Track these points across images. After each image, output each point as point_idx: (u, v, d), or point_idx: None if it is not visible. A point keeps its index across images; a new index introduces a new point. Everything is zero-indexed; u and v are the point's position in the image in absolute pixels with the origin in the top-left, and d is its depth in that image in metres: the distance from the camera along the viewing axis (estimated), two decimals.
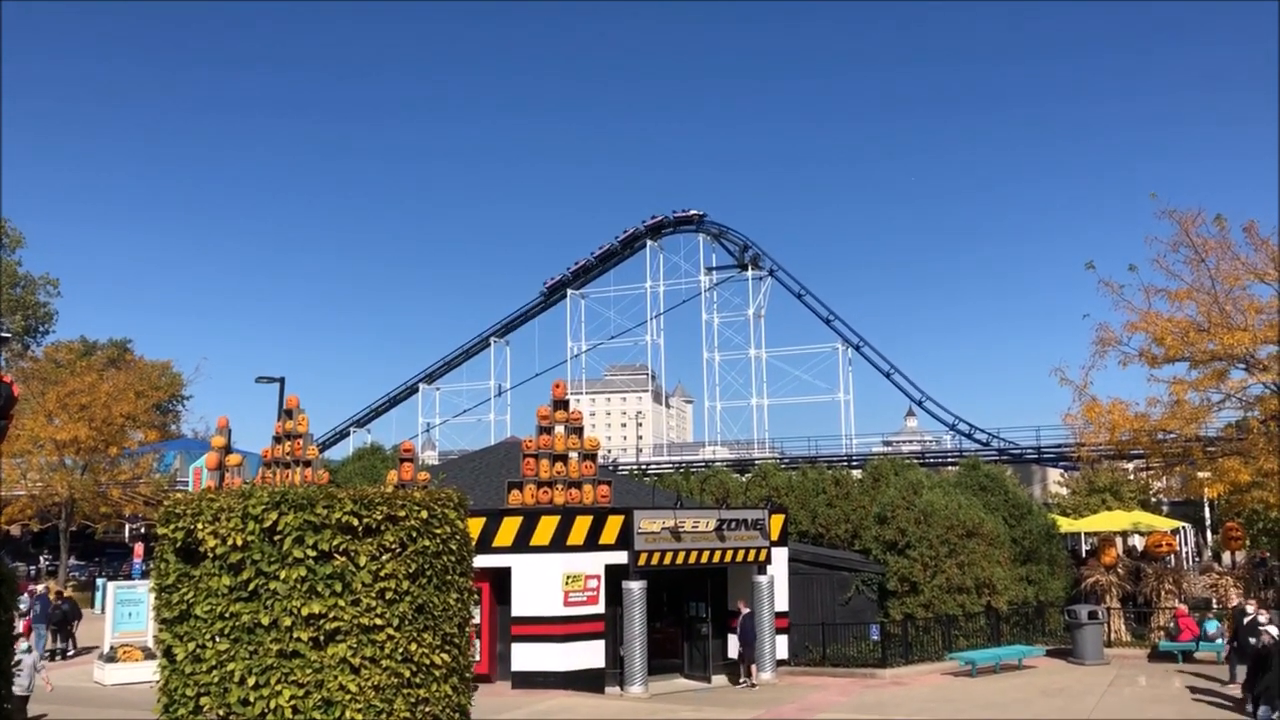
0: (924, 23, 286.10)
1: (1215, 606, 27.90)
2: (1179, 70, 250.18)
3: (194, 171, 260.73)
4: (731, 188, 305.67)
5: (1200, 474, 30.58)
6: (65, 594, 31.83)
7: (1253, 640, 18.75)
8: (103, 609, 29.79)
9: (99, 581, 38.80)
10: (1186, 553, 43.87)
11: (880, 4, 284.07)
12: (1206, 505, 43.11)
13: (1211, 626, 25.70)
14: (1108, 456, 42.18)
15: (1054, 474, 65.95)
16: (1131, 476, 49.93)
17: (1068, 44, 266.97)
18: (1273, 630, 18.06)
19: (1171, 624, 26.26)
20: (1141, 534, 39.47)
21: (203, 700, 8.24)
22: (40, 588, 29.95)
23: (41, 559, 50.39)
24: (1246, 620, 20.06)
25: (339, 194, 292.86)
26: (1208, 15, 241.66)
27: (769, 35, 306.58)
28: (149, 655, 22.48)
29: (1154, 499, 50.31)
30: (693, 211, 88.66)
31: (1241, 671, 19.08)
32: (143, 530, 48.66)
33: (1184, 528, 44.95)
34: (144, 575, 36.68)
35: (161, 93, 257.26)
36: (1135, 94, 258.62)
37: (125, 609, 26.97)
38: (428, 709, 8.71)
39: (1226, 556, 31.94)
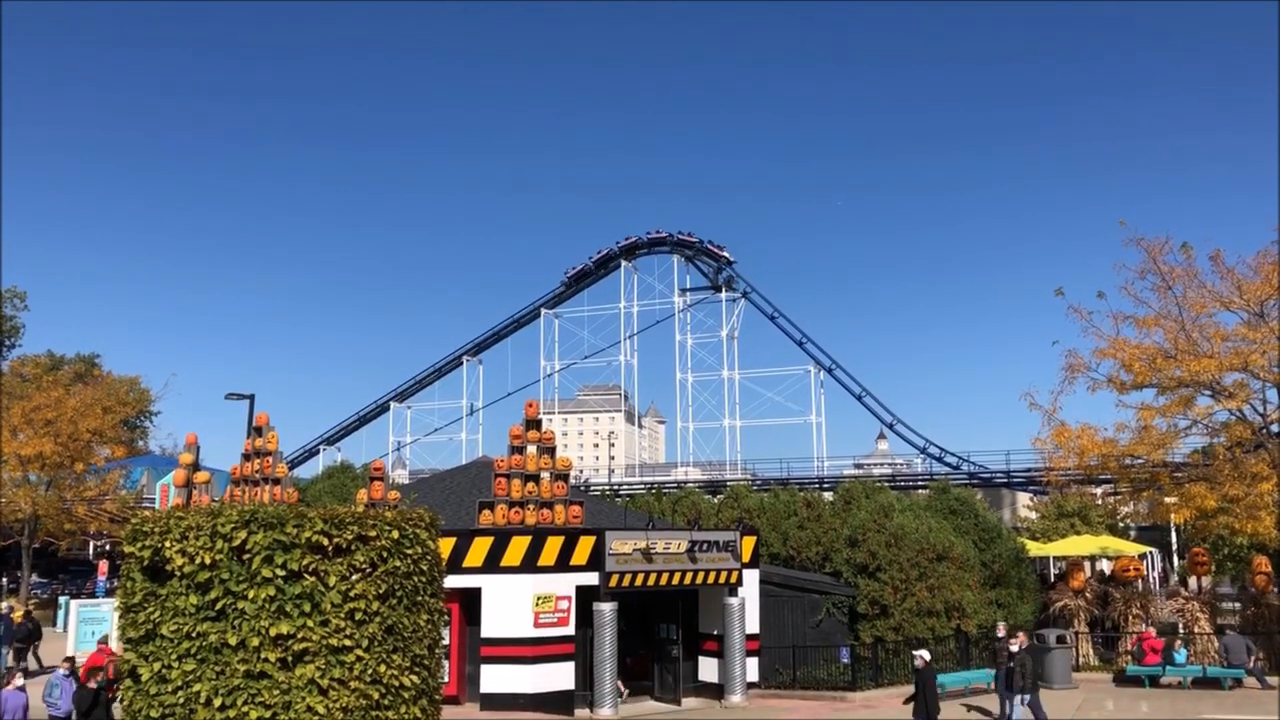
0: (898, 59, 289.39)
1: (1182, 631, 28.13)
2: (1150, 98, 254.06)
3: (165, 187, 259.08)
4: (704, 210, 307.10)
5: (1167, 499, 30.86)
6: (31, 611, 31.33)
7: (1009, 664, 19.23)
8: (65, 627, 29.35)
9: (62, 599, 38.22)
10: (1153, 577, 44.20)
11: (858, 39, 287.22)
12: (1173, 530, 43.52)
13: (1180, 656, 25.88)
14: (1076, 481, 42.51)
15: (1023, 498, 66.46)
16: (1100, 501, 50.36)
17: (1040, 76, 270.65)
18: (924, 654, 18.67)
19: (1137, 648, 26.44)
20: (1109, 558, 39.77)
21: None
22: (4, 605, 29.49)
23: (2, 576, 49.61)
24: (998, 646, 20.54)
25: (310, 212, 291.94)
26: (1187, 48, 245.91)
27: (745, 62, 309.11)
28: None
29: (1122, 524, 50.74)
30: (724, 253, 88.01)
31: (1010, 704, 19.57)
32: (107, 547, 48.05)
33: (1151, 553, 45.31)
34: (108, 593, 36.19)
35: (132, 109, 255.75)
36: (1106, 124, 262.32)
37: (88, 627, 26.62)
38: None
39: (1193, 581, 32.18)
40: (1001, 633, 22.21)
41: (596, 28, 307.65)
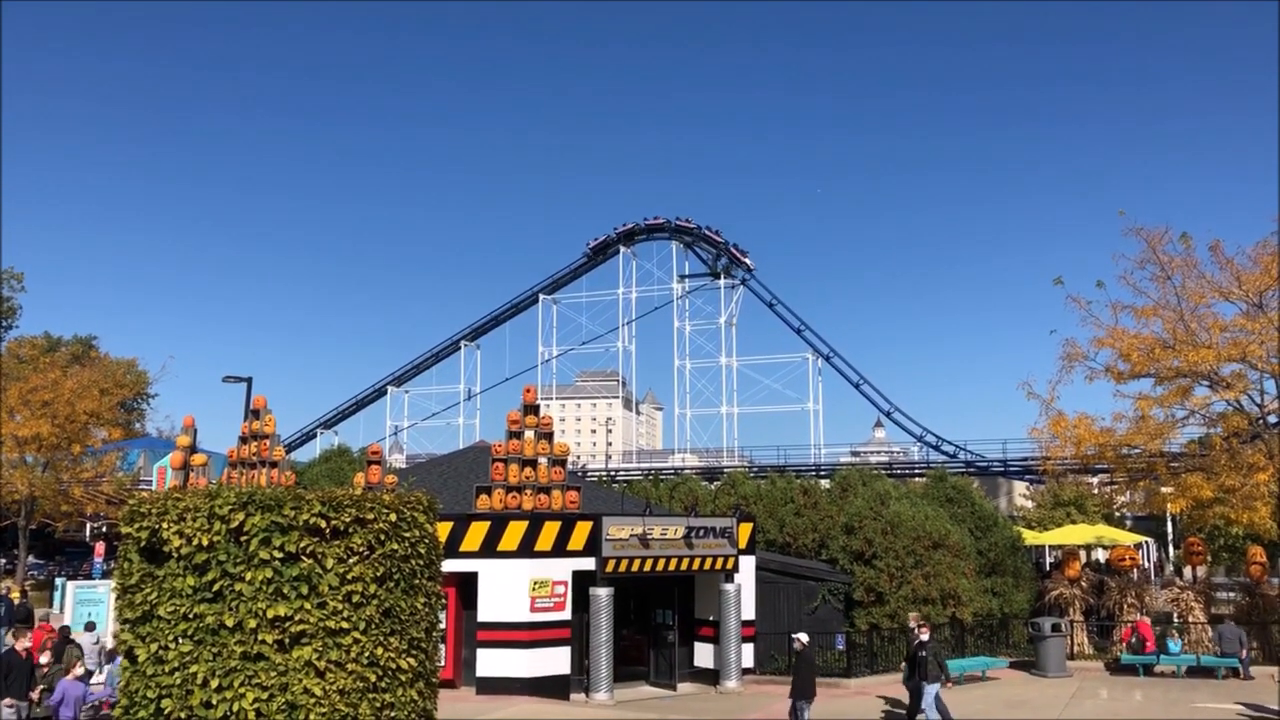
0: (901, 41, 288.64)
1: (1176, 620, 28.21)
2: (1151, 88, 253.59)
3: (163, 169, 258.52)
4: (703, 196, 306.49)
5: (1163, 489, 30.92)
6: (28, 593, 31.38)
7: (921, 654, 19.22)
8: (62, 609, 29.35)
9: (58, 581, 38.25)
10: (1149, 567, 44.31)
11: (859, 23, 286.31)
12: (1169, 520, 43.60)
13: (1174, 645, 25.96)
14: (1073, 470, 42.62)
15: (1020, 487, 66.52)
16: (1096, 490, 50.42)
17: (1039, 64, 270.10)
18: (803, 638, 18.74)
19: (1134, 638, 26.50)
20: (1105, 548, 39.86)
21: (164, 703, 8.13)
22: (1, 586, 29.52)
23: None
24: (910, 637, 20.32)
25: (309, 194, 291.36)
26: (1187, 37, 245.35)
27: (744, 44, 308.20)
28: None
29: (1118, 513, 50.83)
30: (746, 259, 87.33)
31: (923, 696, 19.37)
32: (104, 529, 48.08)
33: (1146, 542, 45.41)
34: (105, 575, 36.19)
35: (131, 89, 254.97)
36: (1107, 113, 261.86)
37: (85, 609, 26.61)
38: (393, 714, 8.65)
39: (1188, 571, 32.27)
40: (913, 624, 21.87)
41: (597, 11, 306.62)
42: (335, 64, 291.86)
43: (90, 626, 23.82)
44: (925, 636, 19.76)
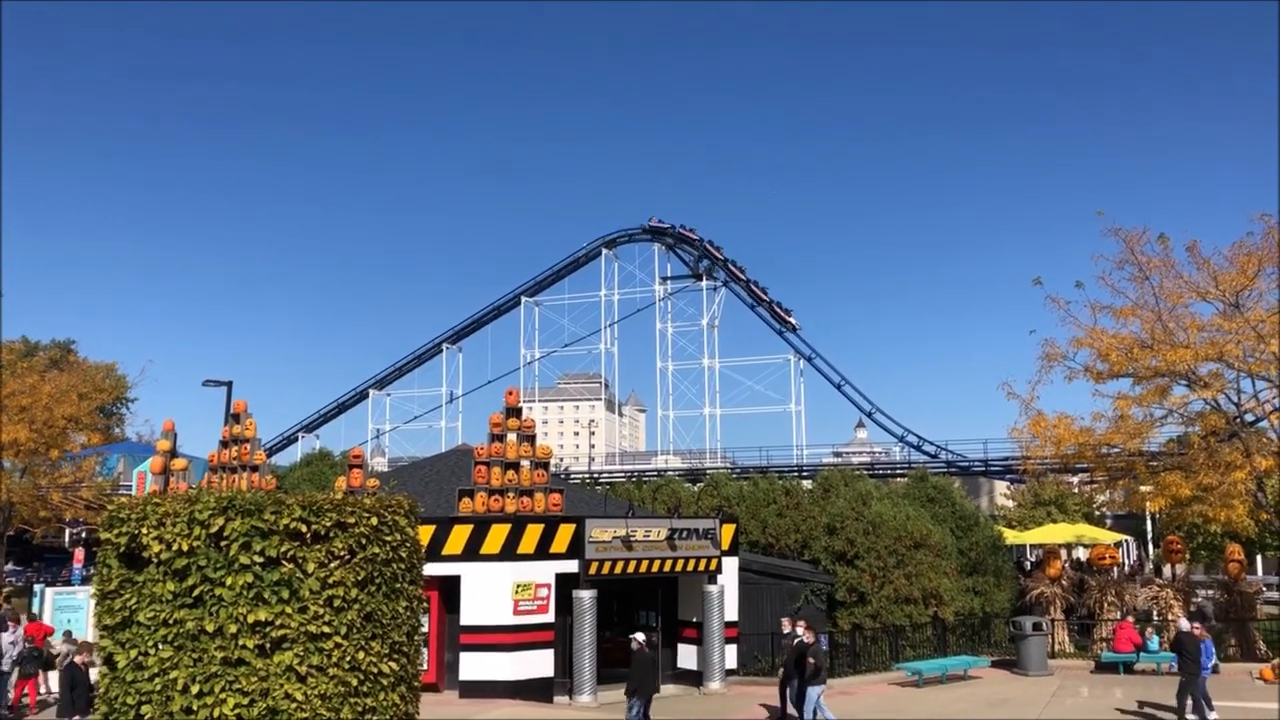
0: (882, 43, 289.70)
1: (1156, 619, 28.39)
2: (1134, 90, 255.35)
3: (141, 173, 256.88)
4: (684, 197, 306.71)
5: (1143, 488, 31.11)
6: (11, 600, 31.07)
7: (809, 656, 18.95)
8: (40, 615, 29.09)
9: (36, 587, 37.94)
10: (1129, 565, 44.63)
11: (841, 25, 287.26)
12: (1148, 518, 43.90)
13: (1153, 643, 26.12)
14: (1053, 470, 42.82)
15: (1001, 486, 66.83)
16: (1076, 490, 50.74)
17: (1023, 66, 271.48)
18: (639, 637, 19.00)
19: (1113, 636, 26.65)
20: (1085, 546, 40.10)
21: (144, 709, 8.09)
22: None
23: None
24: (795, 641, 19.91)
25: (290, 198, 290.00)
26: (1170, 40, 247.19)
27: (727, 45, 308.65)
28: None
29: (1098, 512, 51.18)
30: (793, 319, 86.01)
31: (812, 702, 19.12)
32: (83, 535, 47.71)
33: (1126, 541, 45.72)
34: (84, 581, 35.92)
35: (106, 91, 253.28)
36: (1089, 114, 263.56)
37: (64, 615, 26.41)
38: (375, 718, 8.63)
39: (1167, 569, 32.49)
40: (788, 628, 21.22)
41: (574, 15, 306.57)
42: (315, 69, 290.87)
43: (4, 626, 22.76)
44: (810, 639, 19.34)
